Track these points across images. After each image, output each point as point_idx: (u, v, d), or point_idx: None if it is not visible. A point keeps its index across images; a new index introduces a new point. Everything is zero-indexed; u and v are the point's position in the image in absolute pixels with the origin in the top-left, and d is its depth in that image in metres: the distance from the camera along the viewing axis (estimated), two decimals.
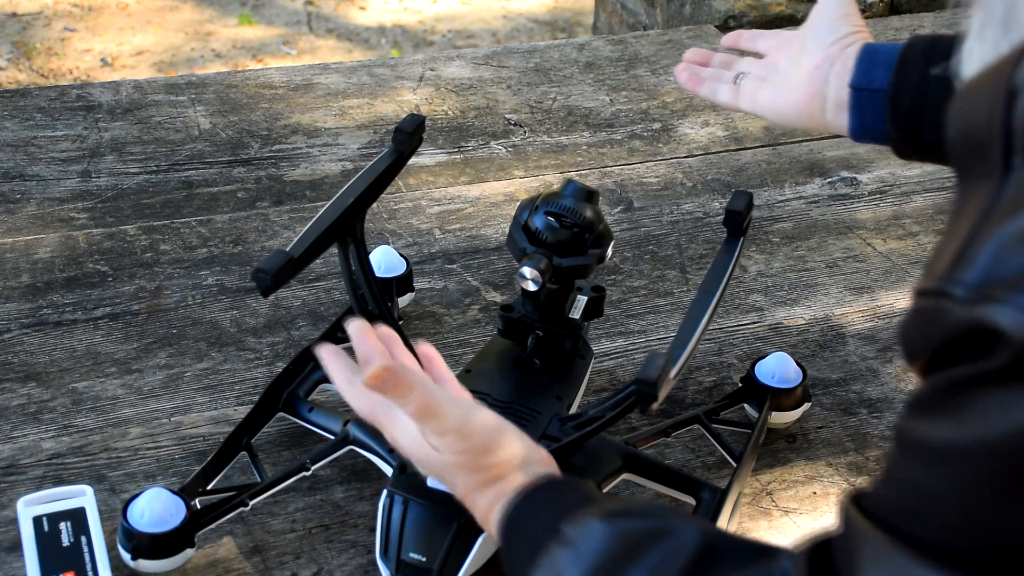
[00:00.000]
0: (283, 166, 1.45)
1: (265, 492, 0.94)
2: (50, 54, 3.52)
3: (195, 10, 3.83)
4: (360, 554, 0.93)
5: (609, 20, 2.53)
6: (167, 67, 3.49)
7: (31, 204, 1.35)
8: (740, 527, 0.98)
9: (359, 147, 1.51)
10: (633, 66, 1.75)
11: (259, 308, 1.20)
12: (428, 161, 1.48)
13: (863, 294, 1.28)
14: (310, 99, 1.60)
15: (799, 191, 1.46)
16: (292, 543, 0.94)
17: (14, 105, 1.54)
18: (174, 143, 1.48)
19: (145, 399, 1.07)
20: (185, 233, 1.31)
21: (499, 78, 1.69)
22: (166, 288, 1.22)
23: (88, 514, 0.91)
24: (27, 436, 1.03)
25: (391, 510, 0.86)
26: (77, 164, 1.42)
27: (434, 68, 1.71)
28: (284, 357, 1.12)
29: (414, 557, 0.84)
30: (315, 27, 3.80)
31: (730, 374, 1.15)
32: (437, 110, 1.60)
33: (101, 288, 1.21)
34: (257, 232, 1.32)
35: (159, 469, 1.00)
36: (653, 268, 1.30)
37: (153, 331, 1.16)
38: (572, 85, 1.69)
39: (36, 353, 1.12)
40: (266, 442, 1.02)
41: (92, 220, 1.32)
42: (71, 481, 0.98)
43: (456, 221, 1.36)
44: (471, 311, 1.21)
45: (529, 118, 1.59)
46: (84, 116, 1.52)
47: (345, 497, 0.98)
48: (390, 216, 1.36)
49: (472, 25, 3.89)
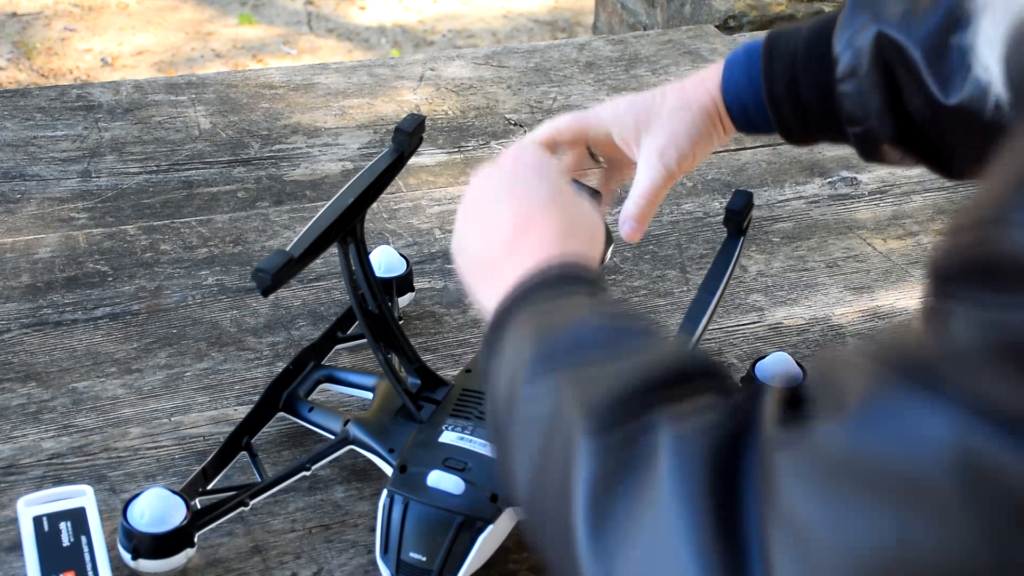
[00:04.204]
0: (283, 166, 1.45)
1: (265, 492, 0.94)
2: (50, 54, 3.52)
3: (195, 10, 3.83)
4: (360, 554, 0.93)
5: (609, 20, 2.53)
6: (167, 67, 3.49)
7: (31, 204, 1.35)
8: None
9: (359, 147, 1.51)
10: (633, 66, 1.75)
11: (259, 308, 1.20)
12: (428, 161, 1.48)
13: (863, 294, 1.28)
14: (310, 99, 1.60)
15: (799, 191, 1.46)
16: (292, 543, 0.94)
17: (14, 105, 1.54)
18: (174, 143, 1.48)
19: (145, 399, 1.07)
20: (185, 233, 1.31)
21: (499, 78, 1.69)
22: (166, 288, 1.22)
23: (88, 514, 0.91)
24: (27, 436, 1.03)
25: (391, 510, 0.86)
26: (77, 164, 1.42)
27: (434, 68, 1.71)
28: (284, 357, 1.12)
29: (414, 557, 0.84)
30: (315, 27, 3.80)
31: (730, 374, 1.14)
32: (437, 110, 1.60)
33: (101, 288, 1.21)
34: (257, 232, 1.32)
35: (159, 469, 1.00)
36: (653, 268, 1.30)
37: (153, 331, 1.16)
38: (572, 85, 1.69)
39: (36, 353, 1.12)
40: (266, 442, 1.02)
41: (92, 220, 1.32)
42: (71, 481, 0.98)
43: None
44: (471, 311, 1.21)
45: (529, 118, 1.59)
46: (84, 116, 1.52)
47: (345, 497, 0.98)
48: (390, 216, 1.36)
49: (472, 25, 3.89)
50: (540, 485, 0.59)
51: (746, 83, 0.91)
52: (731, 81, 0.92)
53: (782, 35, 0.91)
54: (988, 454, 0.42)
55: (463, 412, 0.93)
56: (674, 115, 0.91)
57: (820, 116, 0.89)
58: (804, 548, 0.46)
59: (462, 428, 0.91)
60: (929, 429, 0.44)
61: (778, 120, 0.91)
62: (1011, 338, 0.43)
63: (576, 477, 0.55)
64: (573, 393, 0.58)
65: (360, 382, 1.03)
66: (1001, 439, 0.42)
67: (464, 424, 0.91)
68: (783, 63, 0.90)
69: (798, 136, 0.92)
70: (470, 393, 0.95)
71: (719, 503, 0.49)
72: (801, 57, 0.89)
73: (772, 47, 0.91)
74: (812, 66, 0.88)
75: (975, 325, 0.44)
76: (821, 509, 0.46)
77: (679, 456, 0.51)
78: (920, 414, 0.44)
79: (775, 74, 0.90)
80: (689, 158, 0.91)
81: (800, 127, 0.91)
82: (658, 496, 0.51)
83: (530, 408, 0.61)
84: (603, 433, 0.55)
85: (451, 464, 0.87)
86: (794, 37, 0.90)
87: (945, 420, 0.43)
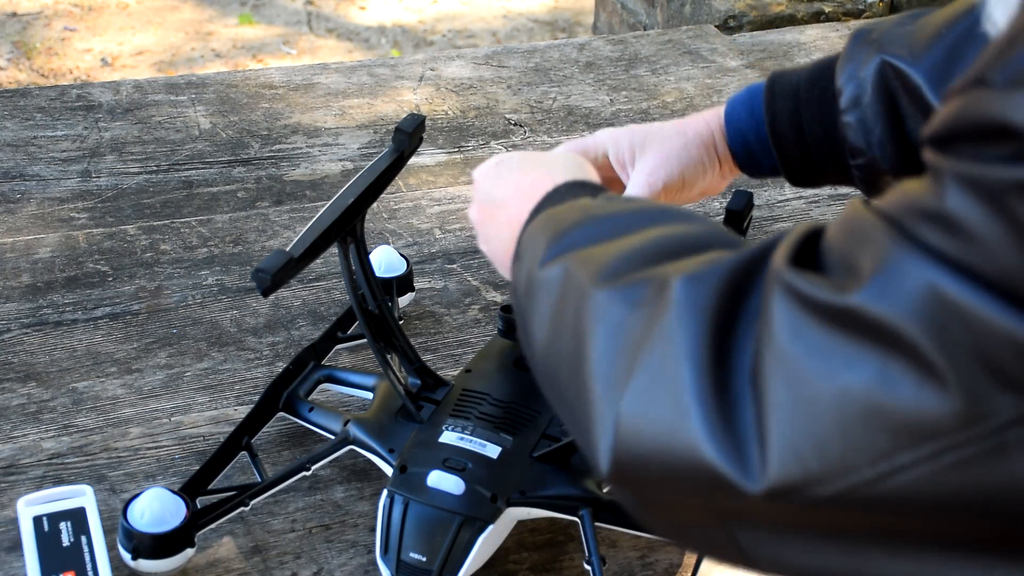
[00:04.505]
0: (283, 166, 1.45)
1: (265, 492, 0.94)
2: (50, 54, 3.52)
3: (195, 10, 3.83)
4: (360, 554, 0.93)
5: (609, 20, 2.53)
6: (167, 67, 3.49)
7: (31, 204, 1.35)
8: None
9: (359, 147, 1.51)
10: (633, 66, 1.75)
11: (259, 308, 1.20)
12: (428, 161, 1.48)
13: None
14: (310, 99, 1.60)
15: (799, 191, 1.46)
16: (292, 543, 0.94)
17: (14, 105, 1.54)
18: (174, 143, 1.48)
19: (145, 399, 1.07)
20: (185, 233, 1.31)
21: (499, 78, 1.69)
22: (166, 288, 1.22)
23: (88, 514, 0.91)
24: (27, 436, 1.03)
25: (391, 510, 0.86)
26: (77, 164, 1.42)
27: (434, 68, 1.71)
28: (284, 357, 1.12)
29: (414, 557, 0.84)
30: (315, 27, 3.80)
31: None
32: (437, 110, 1.60)
33: (101, 288, 1.21)
34: (257, 232, 1.32)
35: (159, 469, 1.00)
36: None
37: (153, 331, 1.16)
38: (572, 85, 1.69)
39: (36, 353, 1.12)
40: (266, 442, 1.02)
41: (92, 220, 1.32)
42: (71, 481, 0.98)
43: (456, 221, 1.36)
44: (471, 311, 1.21)
45: (529, 118, 1.59)
46: (84, 116, 1.52)
47: (345, 497, 0.98)
48: (390, 216, 1.36)
49: (472, 25, 3.89)
50: (555, 336, 0.62)
51: (748, 117, 0.94)
52: (733, 116, 0.95)
53: (784, 73, 0.94)
54: (960, 305, 0.45)
55: (463, 412, 0.93)
56: (668, 140, 0.94)
57: (823, 149, 0.91)
58: (794, 377, 0.49)
59: (462, 428, 0.91)
60: (909, 280, 0.46)
61: (781, 155, 0.93)
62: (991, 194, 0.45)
63: (588, 318, 0.58)
64: (584, 260, 0.62)
65: (360, 382, 1.03)
66: (972, 291, 0.44)
67: (464, 424, 0.91)
68: (786, 96, 0.92)
69: (801, 172, 0.94)
70: (470, 393, 0.95)
71: (722, 327, 0.52)
72: (804, 90, 0.92)
73: (775, 82, 0.94)
74: (815, 97, 0.91)
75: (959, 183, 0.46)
76: (808, 350, 0.49)
77: (689, 288, 0.54)
78: (905, 266, 0.47)
79: (778, 107, 0.92)
80: (678, 182, 0.93)
81: (803, 161, 0.93)
82: (666, 325, 0.54)
83: (544, 280, 0.64)
84: (613, 280, 0.59)
85: (451, 464, 0.87)
86: (796, 73, 0.93)
87: (923, 271, 0.46)
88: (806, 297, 0.49)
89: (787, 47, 1.85)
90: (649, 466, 0.54)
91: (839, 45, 1.85)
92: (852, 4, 2.06)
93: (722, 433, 0.51)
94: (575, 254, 0.63)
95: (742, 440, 0.50)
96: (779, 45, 1.85)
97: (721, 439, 0.51)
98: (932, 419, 0.45)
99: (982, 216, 0.45)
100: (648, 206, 0.71)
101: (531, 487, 0.88)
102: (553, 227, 0.67)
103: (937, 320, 0.45)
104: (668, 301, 0.54)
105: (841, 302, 0.48)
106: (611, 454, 0.55)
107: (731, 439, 0.50)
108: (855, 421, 0.47)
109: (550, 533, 0.95)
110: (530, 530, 0.95)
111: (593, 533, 0.87)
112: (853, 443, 0.47)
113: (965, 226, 0.45)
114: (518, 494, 0.87)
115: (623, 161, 0.95)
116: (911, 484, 0.47)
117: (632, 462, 0.55)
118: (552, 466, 0.89)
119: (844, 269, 0.49)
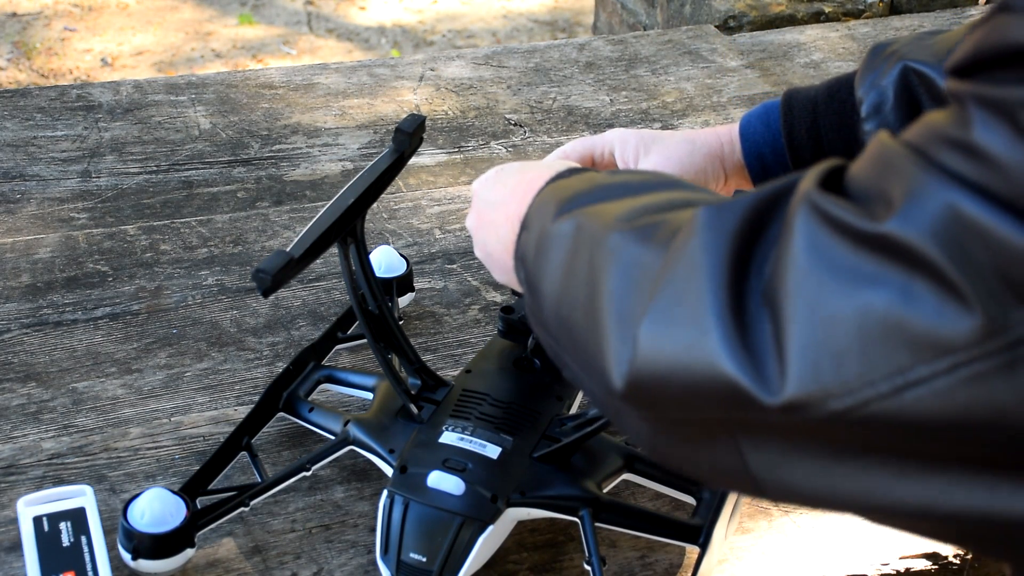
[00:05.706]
0: (283, 166, 1.45)
1: (265, 492, 0.94)
2: (50, 54, 3.52)
3: (195, 10, 3.83)
4: (360, 554, 0.93)
5: (609, 20, 2.53)
6: (167, 67, 3.49)
7: (31, 204, 1.35)
8: (740, 527, 0.98)
9: (359, 147, 1.51)
10: (633, 66, 1.75)
11: (259, 308, 1.20)
12: (428, 161, 1.48)
13: None
14: (310, 99, 1.60)
15: None
16: (292, 543, 0.94)
17: (14, 105, 1.54)
18: (174, 143, 1.48)
19: (145, 399, 1.07)
20: (185, 233, 1.31)
21: (499, 78, 1.69)
22: (166, 288, 1.22)
23: (88, 514, 0.91)
24: (27, 436, 1.03)
25: (391, 510, 0.86)
26: (77, 164, 1.42)
27: (434, 68, 1.71)
28: (284, 357, 1.12)
29: (414, 557, 0.84)
30: (315, 27, 3.80)
31: None
32: (437, 110, 1.60)
33: (101, 288, 1.21)
34: (257, 232, 1.32)
35: (159, 469, 1.00)
36: None
37: (153, 331, 1.16)
38: (572, 85, 1.69)
39: (36, 353, 1.12)
40: (266, 442, 1.02)
41: (92, 220, 1.32)
42: (71, 481, 0.98)
43: (456, 221, 1.36)
44: (471, 311, 1.21)
45: (529, 118, 1.59)
46: (84, 116, 1.52)
47: (345, 497, 0.98)
48: (390, 216, 1.36)
49: (472, 25, 3.89)
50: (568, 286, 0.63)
51: (764, 131, 0.95)
52: (748, 130, 0.96)
53: (800, 89, 0.95)
54: (980, 224, 0.46)
55: (463, 413, 0.93)
56: (674, 145, 0.95)
57: None
58: (815, 294, 0.50)
59: (462, 429, 0.91)
60: (932, 203, 0.47)
61: (798, 167, 0.94)
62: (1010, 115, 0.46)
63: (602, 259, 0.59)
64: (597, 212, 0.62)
65: (360, 382, 1.03)
66: (990, 211, 0.46)
67: (464, 425, 0.91)
68: (804, 109, 0.93)
69: None
70: (470, 393, 0.95)
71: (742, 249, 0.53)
72: (822, 102, 0.93)
73: (791, 97, 0.95)
74: (834, 109, 0.92)
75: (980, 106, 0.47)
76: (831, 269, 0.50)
77: (714, 214, 0.55)
78: (928, 191, 0.48)
79: (795, 120, 0.93)
80: None
81: None
82: (689, 249, 0.55)
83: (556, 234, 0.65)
84: (628, 223, 0.59)
85: (451, 465, 0.87)
86: (813, 88, 0.94)
87: (944, 194, 0.47)
88: (833, 218, 0.50)
89: (787, 47, 1.85)
90: (668, 383, 0.55)
91: (839, 45, 1.85)
92: (852, 4, 2.06)
93: (741, 349, 0.52)
94: (587, 209, 0.64)
95: (760, 355, 0.51)
96: (779, 45, 1.85)
97: (740, 354, 0.52)
98: (951, 334, 0.46)
99: (1001, 137, 0.46)
100: (659, 175, 0.72)
101: (531, 487, 0.88)
102: (562, 193, 0.68)
103: (958, 240, 0.46)
104: (692, 227, 0.55)
105: (872, 229, 0.49)
106: (627, 374, 0.56)
107: (749, 354, 0.52)
108: (874, 337, 0.48)
109: (550, 533, 0.95)
110: (530, 530, 0.95)
111: (593, 533, 0.87)
112: (871, 358, 0.48)
113: (984, 149, 0.46)
114: (518, 494, 0.87)
115: (627, 160, 0.95)
116: (924, 399, 0.48)
117: (650, 380, 0.56)
118: (552, 466, 0.90)
119: (874, 197, 0.50)
